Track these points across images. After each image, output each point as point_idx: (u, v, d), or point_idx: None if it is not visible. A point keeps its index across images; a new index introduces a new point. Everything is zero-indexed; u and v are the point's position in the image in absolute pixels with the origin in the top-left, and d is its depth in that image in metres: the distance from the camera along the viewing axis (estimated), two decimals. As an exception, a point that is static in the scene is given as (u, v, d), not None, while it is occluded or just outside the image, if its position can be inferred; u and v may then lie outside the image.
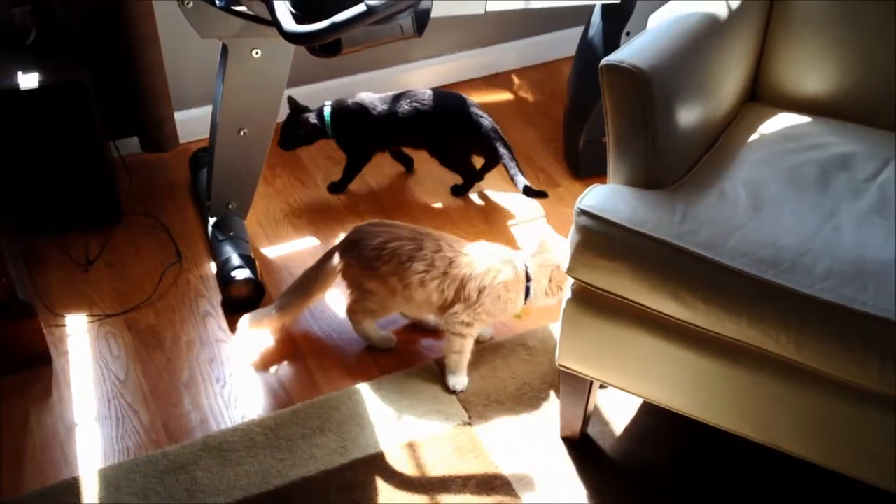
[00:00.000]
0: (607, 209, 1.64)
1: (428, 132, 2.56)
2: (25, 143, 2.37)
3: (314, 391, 2.08)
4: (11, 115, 2.33)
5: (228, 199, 2.42)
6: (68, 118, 2.38)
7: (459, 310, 2.02)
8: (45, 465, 1.91)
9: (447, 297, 2.03)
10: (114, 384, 2.10)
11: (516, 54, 3.19)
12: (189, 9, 2.06)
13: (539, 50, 3.22)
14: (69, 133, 2.40)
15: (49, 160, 2.41)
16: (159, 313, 2.28)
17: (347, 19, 1.87)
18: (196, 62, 2.70)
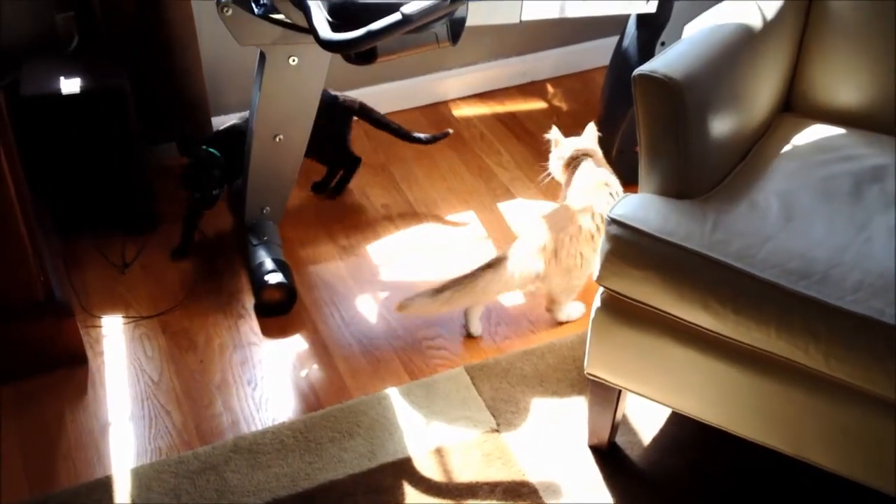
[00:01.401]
0: (638, 218, 1.65)
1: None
2: (66, 146, 2.42)
3: (344, 395, 2.10)
4: (53, 119, 2.38)
5: (263, 203, 2.45)
6: (107, 123, 2.43)
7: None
8: (79, 463, 1.95)
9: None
10: (147, 385, 2.14)
11: (551, 63, 3.19)
12: (228, 16, 2.09)
13: (574, 59, 3.22)
14: (108, 137, 2.44)
15: (88, 164, 2.46)
16: (193, 316, 2.32)
17: (383, 28, 1.89)
18: (233, 68, 2.74)
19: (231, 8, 2.08)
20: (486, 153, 2.87)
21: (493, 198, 2.70)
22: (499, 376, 2.11)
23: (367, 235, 2.57)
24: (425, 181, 2.77)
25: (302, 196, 2.70)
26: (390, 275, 2.45)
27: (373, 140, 2.91)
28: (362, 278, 2.43)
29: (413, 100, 3.07)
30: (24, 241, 2.01)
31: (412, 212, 2.65)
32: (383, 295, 2.38)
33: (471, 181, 2.76)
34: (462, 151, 2.87)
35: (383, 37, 1.90)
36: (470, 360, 2.17)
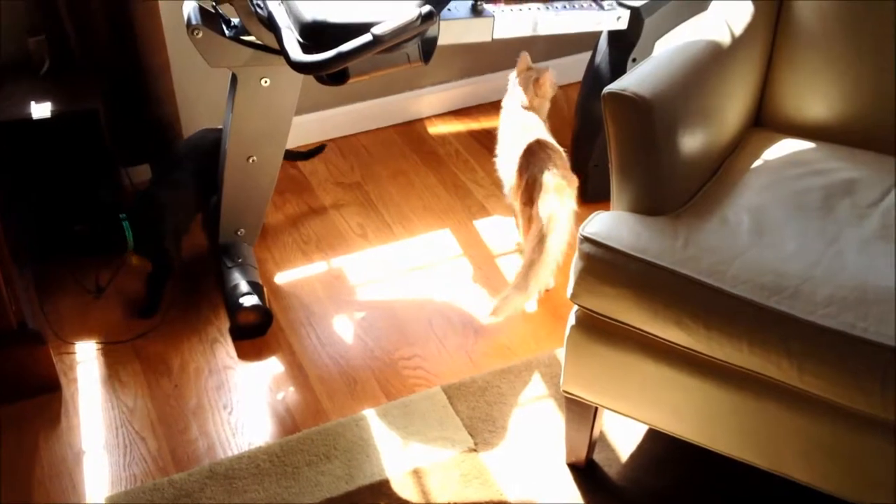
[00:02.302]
0: (611, 236, 1.65)
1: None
2: (38, 170, 2.40)
3: (321, 417, 2.09)
4: (25, 143, 2.36)
5: (237, 225, 2.43)
6: (80, 146, 2.41)
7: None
8: (53, 492, 1.93)
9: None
10: (122, 411, 2.11)
11: (524, 79, 3.20)
12: (199, 39, 2.08)
13: (549, 75, 3.24)
14: (81, 161, 2.43)
15: (61, 187, 2.44)
16: (168, 340, 2.30)
17: (354, 49, 1.89)
18: (206, 90, 2.73)
19: (201, 30, 2.07)
20: (461, 170, 2.87)
21: (469, 215, 2.70)
22: (476, 395, 2.10)
23: (344, 255, 2.56)
24: (401, 199, 2.76)
25: (277, 217, 2.69)
26: (367, 294, 2.44)
27: (348, 158, 2.91)
28: (339, 298, 2.42)
29: (388, 118, 3.07)
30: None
31: (388, 230, 2.65)
32: (360, 315, 2.37)
33: (446, 199, 2.76)
34: (437, 169, 2.88)
35: (354, 58, 1.90)
36: (447, 379, 2.17)
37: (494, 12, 2.36)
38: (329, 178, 2.85)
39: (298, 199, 2.77)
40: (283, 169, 2.36)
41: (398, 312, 2.38)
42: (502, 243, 2.60)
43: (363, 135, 3.03)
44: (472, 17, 2.34)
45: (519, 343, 2.27)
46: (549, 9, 2.44)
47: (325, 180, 2.84)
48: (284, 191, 2.77)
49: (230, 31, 2.14)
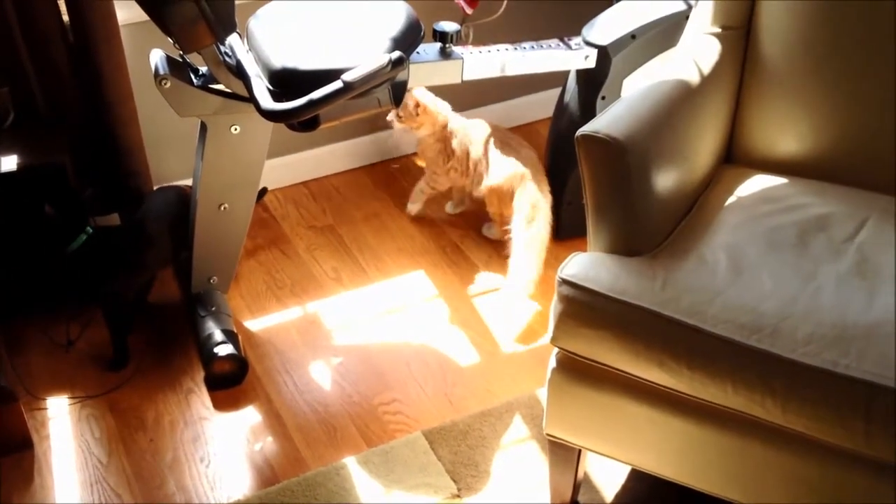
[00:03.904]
0: (589, 278, 1.65)
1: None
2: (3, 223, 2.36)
3: (301, 467, 2.06)
4: (-10, 196, 2.33)
5: (210, 273, 2.41)
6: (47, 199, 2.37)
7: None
8: (27, 556, 1.88)
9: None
10: (96, 468, 2.07)
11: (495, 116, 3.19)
12: (167, 89, 2.07)
13: (517, 112, 3.25)
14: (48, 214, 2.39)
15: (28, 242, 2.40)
16: (141, 392, 2.26)
17: (324, 96, 1.89)
18: (175, 138, 2.71)
19: (169, 80, 2.06)
20: (434, 211, 2.87)
21: (444, 255, 2.69)
22: (457, 439, 2.08)
23: (318, 299, 2.54)
24: (374, 242, 2.75)
25: (249, 263, 2.66)
26: (344, 339, 2.42)
27: (319, 201, 2.90)
28: (315, 344, 2.40)
29: (358, 159, 3.06)
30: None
31: (363, 273, 2.63)
32: (337, 360, 2.35)
33: (420, 239, 2.75)
34: (410, 209, 2.87)
35: (325, 105, 1.90)
36: (427, 423, 2.15)
37: (463, 55, 2.38)
38: (301, 221, 2.83)
39: (271, 244, 2.75)
40: (254, 213, 2.34)
41: (376, 356, 2.36)
42: (479, 283, 2.60)
43: (333, 177, 3.02)
44: (441, 60, 2.35)
45: (498, 384, 2.26)
46: (518, 49, 2.45)
47: (297, 224, 2.82)
48: (256, 236, 2.75)
49: (198, 80, 2.13)
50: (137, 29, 2.49)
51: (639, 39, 2.45)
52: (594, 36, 2.48)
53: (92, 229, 2.23)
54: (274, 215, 2.85)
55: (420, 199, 2.82)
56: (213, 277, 2.41)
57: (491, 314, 2.48)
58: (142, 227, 2.34)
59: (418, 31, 2.16)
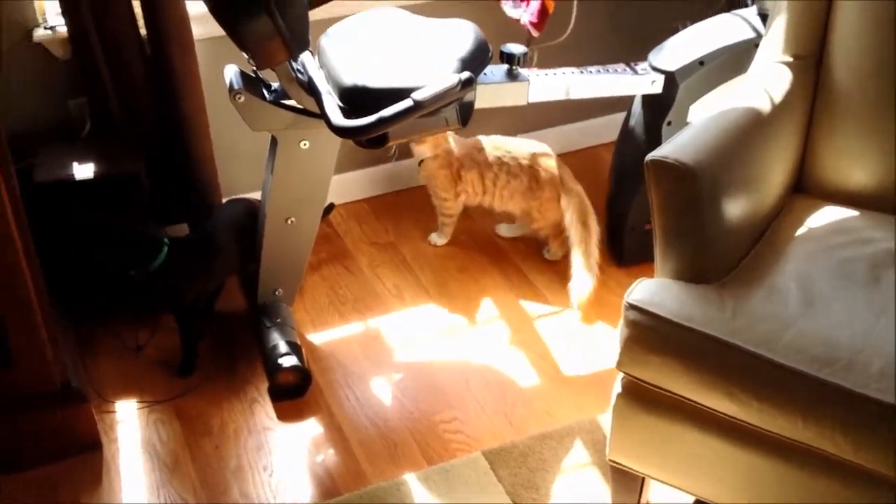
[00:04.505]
0: (655, 303, 1.66)
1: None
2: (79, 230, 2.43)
3: (361, 481, 2.08)
4: (67, 204, 2.39)
5: (276, 285, 2.45)
6: (122, 207, 2.44)
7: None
8: (95, 556, 1.93)
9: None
10: (163, 471, 2.12)
11: (556, 140, 3.21)
12: (241, 103, 2.12)
13: (580, 136, 3.27)
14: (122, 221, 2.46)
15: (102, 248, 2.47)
16: (207, 400, 2.30)
17: (395, 114, 1.92)
18: (245, 151, 2.77)
19: (243, 95, 2.11)
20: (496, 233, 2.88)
21: (505, 277, 2.71)
22: (517, 461, 2.09)
23: (380, 316, 2.57)
24: (435, 260, 2.78)
25: (313, 277, 2.70)
26: (404, 355, 2.45)
27: (381, 219, 2.93)
28: (377, 359, 2.43)
29: (418, 179, 3.10)
30: (41, 329, 2.01)
31: (423, 292, 2.66)
32: (398, 376, 2.38)
33: (481, 260, 2.77)
34: (473, 231, 2.89)
35: (395, 122, 1.94)
36: (487, 444, 2.16)
37: (529, 77, 2.40)
38: (364, 238, 2.87)
39: (334, 260, 2.79)
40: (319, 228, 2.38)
41: (436, 374, 2.38)
42: (539, 306, 2.61)
43: (395, 194, 3.05)
44: (507, 82, 2.38)
45: (559, 407, 2.27)
46: (584, 73, 2.47)
47: (360, 240, 2.86)
48: (320, 251, 2.79)
49: (271, 95, 2.18)
50: (212, 44, 2.56)
51: (707, 66, 2.45)
52: (661, 61, 2.48)
53: (168, 242, 2.28)
54: (338, 231, 2.89)
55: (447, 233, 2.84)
56: (279, 289, 2.46)
57: (552, 337, 2.49)
58: (211, 237, 2.40)
59: (486, 53, 2.19)
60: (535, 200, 2.68)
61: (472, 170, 2.71)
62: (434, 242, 2.85)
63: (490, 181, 2.71)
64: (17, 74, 2.47)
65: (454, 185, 2.73)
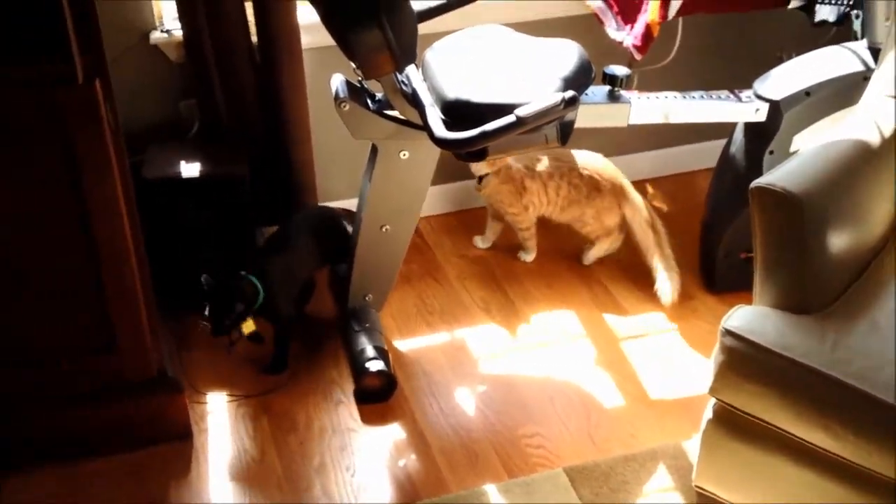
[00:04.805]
0: (755, 331, 1.64)
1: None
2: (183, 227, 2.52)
3: (441, 488, 2.10)
4: (173, 201, 2.49)
5: (366, 290, 2.50)
6: (224, 207, 2.53)
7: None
8: (182, 540, 1.99)
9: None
10: (249, 465, 2.17)
11: (652, 163, 3.22)
12: (345, 111, 2.18)
13: (675, 160, 3.25)
14: (224, 220, 2.54)
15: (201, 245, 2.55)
16: (294, 398, 2.36)
17: (497, 129, 1.95)
18: (343, 159, 2.83)
19: (348, 104, 2.17)
20: (585, 252, 2.89)
21: (593, 297, 2.71)
22: (599, 480, 2.09)
23: (466, 327, 2.60)
24: (525, 277, 2.79)
25: (402, 286, 2.74)
26: (489, 368, 2.47)
27: (471, 232, 2.96)
28: (461, 370, 2.45)
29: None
30: (143, 319, 2.09)
31: (511, 307, 2.67)
32: (482, 388, 2.40)
33: (570, 279, 2.78)
34: (563, 249, 2.90)
35: (497, 137, 1.96)
36: (569, 460, 2.16)
37: (631, 99, 2.40)
38: (453, 250, 2.90)
39: (422, 270, 2.83)
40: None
41: (520, 388, 2.39)
42: (627, 327, 2.60)
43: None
44: (609, 103, 2.39)
45: (643, 430, 2.25)
46: (686, 98, 2.46)
47: (450, 252, 2.89)
48: (410, 261, 2.82)
49: (374, 105, 2.23)
50: (319, 53, 2.63)
51: (813, 97, 2.42)
52: (767, 90, 2.46)
53: (258, 283, 2.32)
54: (428, 242, 2.93)
55: (531, 247, 2.87)
56: (369, 295, 2.50)
57: (638, 359, 2.48)
58: (286, 239, 2.47)
59: (589, 73, 2.20)
60: (592, 208, 2.73)
61: (536, 180, 2.72)
62: (523, 259, 2.86)
63: (553, 190, 2.73)
64: (132, 74, 2.57)
65: (520, 198, 2.74)
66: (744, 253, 2.56)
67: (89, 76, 1.83)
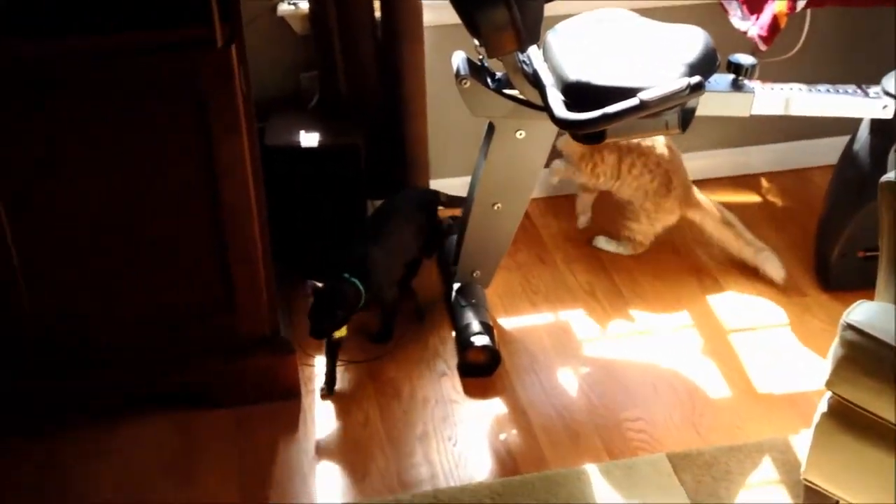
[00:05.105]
0: (877, 327, 1.61)
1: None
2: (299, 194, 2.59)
3: (542, 464, 2.13)
4: (291, 168, 2.56)
5: (474, 267, 2.53)
6: (339, 177, 2.59)
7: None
8: (288, 493, 2.06)
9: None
10: (354, 427, 2.23)
11: (768, 157, 3.16)
12: (466, 89, 2.20)
13: (793, 155, 3.17)
14: (338, 190, 2.60)
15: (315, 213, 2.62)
16: (399, 367, 2.41)
17: (619, 111, 1.95)
18: (456, 137, 2.86)
19: (469, 81, 2.19)
20: (695, 242, 2.86)
21: (702, 288, 2.68)
22: (702, 469, 2.08)
23: (571, 310, 2.61)
24: (631, 263, 2.78)
25: (508, 264, 2.76)
26: (592, 351, 2.47)
27: (580, 216, 2.97)
28: (564, 351, 2.46)
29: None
30: (262, 280, 2.17)
31: (616, 292, 2.67)
32: (585, 370, 2.41)
33: (678, 268, 2.76)
34: (672, 238, 2.87)
35: (618, 120, 1.96)
36: (671, 447, 2.15)
37: (755, 89, 2.36)
38: (560, 232, 2.91)
39: (529, 250, 2.84)
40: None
41: (623, 373, 2.39)
42: (736, 320, 2.57)
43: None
44: (732, 92, 2.35)
45: (749, 423, 2.23)
46: (812, 90, 2.41)
47: (557, 235, 2.90)
48: (517, 241, 2.83)
49: (493, 84, 2.25)
50: (440, 31, 2.66)
51: (948, 94, 2.34)
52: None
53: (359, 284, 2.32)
54: (536, 224, 2.94)
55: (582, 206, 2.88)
56: (477, 271, 2.53)
57: (747, 352, 2.45)
58: (386, 223, 2.50)
59: (714, 61, 2.18)
60: (654, 203, 2.69)
61: (613, 153, 2.68)
62: (580, 221, 2.90)
63: (626, 167, 2.68)
64: (257, 43, 2.62)
65: (592, 162, 2.70)
66: (862, 251, 2.50)
67: (227, 42, 1.90)
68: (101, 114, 1.92)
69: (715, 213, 2.71)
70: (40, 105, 1.89)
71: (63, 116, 1.91)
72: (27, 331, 2.10)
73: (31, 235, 2.00)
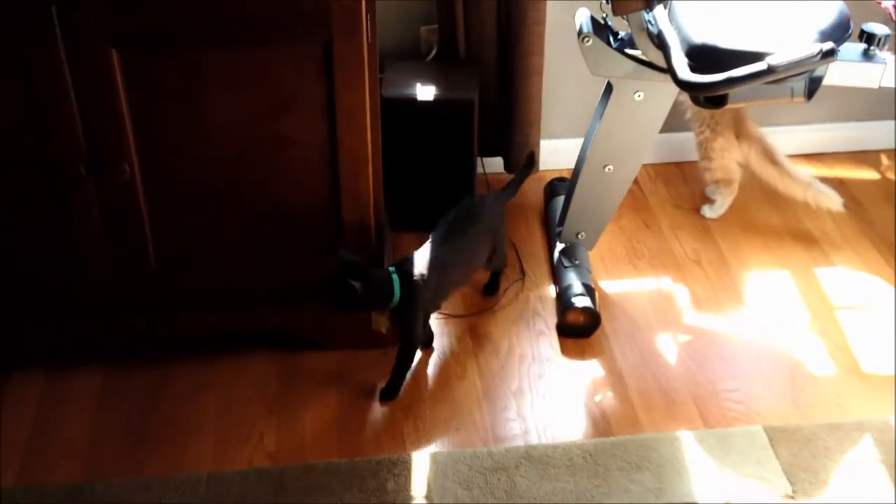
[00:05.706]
0: None
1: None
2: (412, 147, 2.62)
3: (635, 428, 2.13)
4: (406, 120, 2.59)
5: (579, 229, 2.53)
6: (452, 132, 2.61)
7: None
8: (383, 437, 2.12)
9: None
10: (451, 379, 2.27)
11: (889, 134, 3.05)
12: (587, 46, 2.18)
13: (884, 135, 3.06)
14: (449, 145, 2.63)
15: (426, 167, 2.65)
16: (498, 323, 2.44)
17: (745, 75, 1.90)
18: (569, 97, 2.85)
19: (591, 39, 2.17)
20: (808, 216, 2.79)
21: (811, 262, 2.62)
22: (799, 443, 2.05)
23: (673, 276, 2.58)
24: (739, 233, 2.74)
25: (613, 228, 2.74)
26: (693, 319, 2.45)
27: (690, 184, 2.92)
28: (665, 318, 2.45)
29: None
30: (372, 226, 2.21)
31: (722, 261, 2.63)
32: (684, 338, 2.39)
33: (788, 242, 2.70)
34: (783, 210, 2.81)
35: (743, 84, 1.91)
36: (769, 420, 2.13)
37: (886, 60, 2.28)
38: (668, 199, 2.88)
39: (635, 215, 2.82)
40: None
41: (725, 344, 2.37)
42: (845, 296, 2.51)
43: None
44: (862, 62, 2.27)
45: (851, 401, 2.18)
46: (951, 65, 2.30)
47: (664, 201, 2.87)
48: (624, 205, 2.81)
49: (616, 43, 2.23)
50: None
51: None
52: None
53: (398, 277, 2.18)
54: (643, 189, 2.92)
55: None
56: (582, 233, 2.53)
57: (854, 331, 2.39)
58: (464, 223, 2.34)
59: (847, 29, 2.11)
60: (713, 132, 2.71)
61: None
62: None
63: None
64: (379, -6, 2.68)
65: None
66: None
67: (358, -12, 1.93)
68: (231, 56, 1.97)
69: (765, 148, 2.71)
70: (175, 50, 1.95)
71: (194, 59, 1.97)
72: (152, 268, 2.19)
73: (159, 178, 2.09)
